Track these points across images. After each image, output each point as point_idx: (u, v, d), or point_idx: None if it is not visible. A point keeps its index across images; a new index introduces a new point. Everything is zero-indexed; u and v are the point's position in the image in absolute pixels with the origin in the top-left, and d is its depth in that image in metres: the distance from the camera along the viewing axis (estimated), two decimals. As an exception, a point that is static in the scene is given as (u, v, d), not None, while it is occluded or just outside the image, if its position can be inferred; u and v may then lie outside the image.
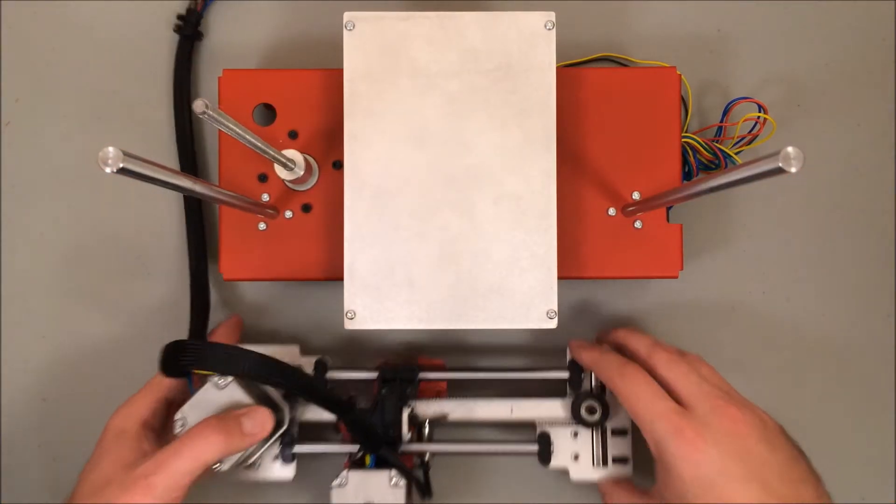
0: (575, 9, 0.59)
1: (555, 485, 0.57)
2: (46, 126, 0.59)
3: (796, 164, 0.32)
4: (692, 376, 0.46)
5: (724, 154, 0.55)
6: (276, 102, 0.54)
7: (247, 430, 0.46)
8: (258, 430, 0.46)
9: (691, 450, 0.42)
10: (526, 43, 0.50)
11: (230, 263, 0.53)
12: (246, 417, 0.46)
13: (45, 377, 0.59)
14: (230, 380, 0.47)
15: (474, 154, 0.50)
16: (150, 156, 0.34)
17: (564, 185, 0.52)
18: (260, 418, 0.46)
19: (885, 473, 0.58)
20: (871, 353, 0.58)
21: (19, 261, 0.59)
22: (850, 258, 0.59)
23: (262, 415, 0.47)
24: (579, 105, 0.53)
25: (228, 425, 0.45)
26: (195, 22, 0.58)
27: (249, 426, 0.46)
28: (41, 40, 0.60)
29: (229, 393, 0.47)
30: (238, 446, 0.45)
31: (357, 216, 0.49)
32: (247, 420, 0.46)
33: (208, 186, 0.41)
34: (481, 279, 0.49)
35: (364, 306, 0.49)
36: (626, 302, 0.58)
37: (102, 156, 0.31)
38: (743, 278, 0.58)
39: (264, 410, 0.47)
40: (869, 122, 0.59)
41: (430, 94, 0.50)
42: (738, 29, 0.59)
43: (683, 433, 0.42)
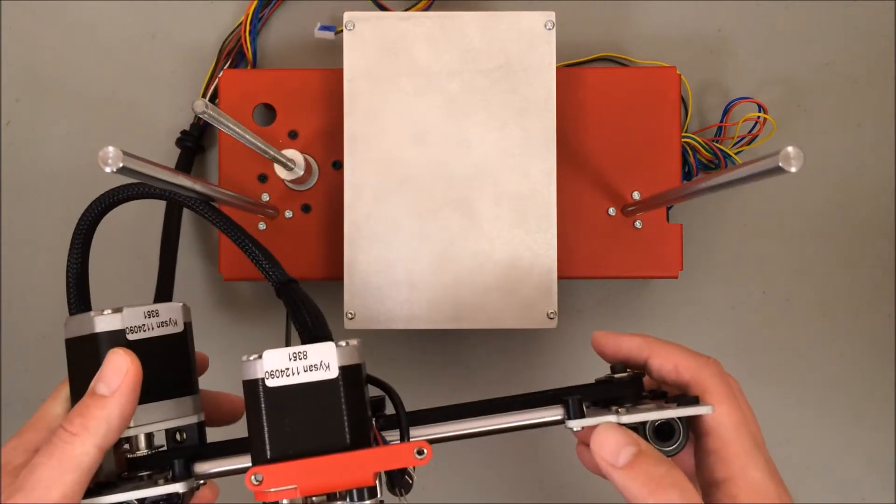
0: (575, 9, 0.59)
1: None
2: (46, 126, 0.59)
3: (796, 163, 0.32)
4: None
5: (724, 154, 0.55)
6: (276, 102, 0.54)
7: (101, 391, 0.35)
8: (116, 382, 0.35)
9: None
10: (526, 43, 0.50)
11: (230, 263, 0.53)
12: (98, 381, 0.35)
13: (45, 377, 0.58)
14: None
15: (474, 154, 0.50)
16: (149, 156, 0.34)
17: (564, 184, 0.52)
18: (111, 368, 0.36)
19: (885, 473, 0.58)
20: (871, 353, 0.58)
21: (19, 261, 0.59)
22: (850, 258, 0.59)
23: (114, 360, 0.36)
24: (579, 105, 0.53)
25: (79, 408, 0.35)
26: (198, 135, 0.57)
27: (103, 386, 0.35)
28: (41, 40, 0.60)
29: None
30: (104, 417, 0.35)
31: (357, 216, 0.49)
32: (98, 382, 0.35)
33: (208, 186, 0.41)
34: (481, 279, 0.49)
35: (364, 306, 0.49)
36: (626, 302, 0.58)
37: (102, 155, 0.31)
38: (743, 278, 0.58)
39: (116, 352, 0.36)
40: (869, 122, 0.59)
41: (430, 94, 0.50)
42: (738, 29, 0.59)
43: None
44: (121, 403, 0.35)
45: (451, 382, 0.58)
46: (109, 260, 0.59)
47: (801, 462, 0.57)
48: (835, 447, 0.58)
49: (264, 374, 0.34)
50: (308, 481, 0.34)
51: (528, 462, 0.58)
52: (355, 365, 0.36)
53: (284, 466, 0.34)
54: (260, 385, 0.35)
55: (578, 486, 0.57)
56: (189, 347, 0.39)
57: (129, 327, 0.37)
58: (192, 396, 0.39)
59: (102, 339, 0.36)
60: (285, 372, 0.35)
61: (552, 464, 0.58)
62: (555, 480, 0.58)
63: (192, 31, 0.60)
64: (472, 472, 0.58)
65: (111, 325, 0.37)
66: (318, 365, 0.35)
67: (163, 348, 0.37)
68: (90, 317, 0.37)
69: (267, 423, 0.34)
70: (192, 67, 0.59)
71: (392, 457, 0.35)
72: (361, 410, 0.35)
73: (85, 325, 0.37)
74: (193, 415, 0.39)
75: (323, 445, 0.34)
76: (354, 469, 0.34)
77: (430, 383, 0.58)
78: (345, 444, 0.34)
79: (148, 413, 0.37)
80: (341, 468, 0.34)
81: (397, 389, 0.49)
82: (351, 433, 0.34)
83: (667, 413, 0.36)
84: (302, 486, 0.34)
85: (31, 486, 0.34)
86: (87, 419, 0.35)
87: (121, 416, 0.35)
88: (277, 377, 0.35)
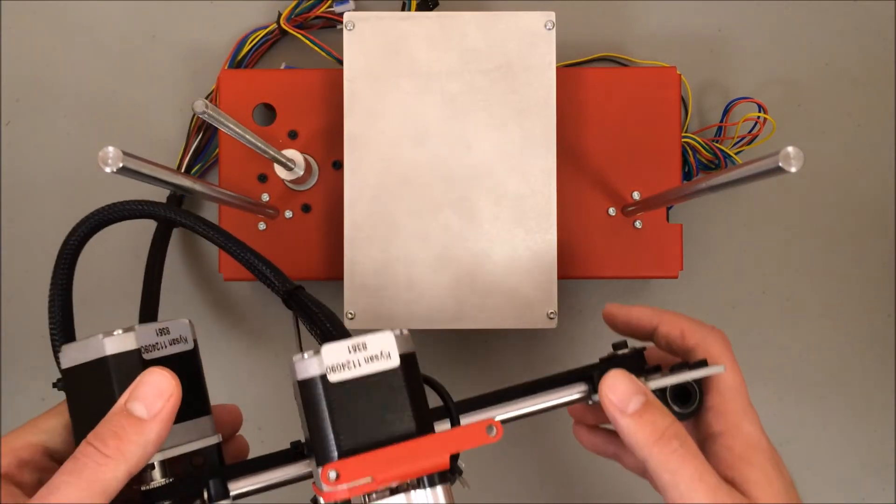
0: (575, 9, 0.59)
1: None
2: (46, 126, 0.59)
3: (796, 163, 0.32)
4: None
5: (724, 154, 0.55)
6: (276, 102, 0.54)
7: (139, 413, 0.33)
8: (158, 404, 0.33)
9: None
10: (526, 43, 0.50)
11: (230, 263, 0.53)
12: (134, 400, 0.33)
13: (45, 378, 0.58)
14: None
15: (474, 154, 0.50)
16: (149, 156, 0.34)
17: (564, 184, 0.52)
18: (153, 389, 0.33)
19: (885, 473, 0.58)
20: (871, 353, 0.58)
21: (19, 261, 0.59)
22: (850, 258, 0.59)
23: (156, 381, 0.33)
24: (579, 105, 0.53)
25: (114, 427, 0.33)
26: (177, 201, 0.57)
27: (141, 408, 0.33)
28: (41, 40, 0.60)
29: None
30: (141, 443, 0.33)
31: (357, 216, 0.49)
32: (136, 403, 0.33)
33: (208, 186, 0.41)
34: (481, 279, 0.49)
35: (364, 306, 0.49)
36: (626, 302, 0.58)
37: (102, 155, 0.31)
38: (743, 278, 0.58)
39: (156, 371, 0.34)
40: (869, 122, 0.59)
41: (430, 94, 0.50)
42: (738, 29, 0.59)
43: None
44: (159, 430, 0.33)
45: (451, 382, 0.57)
46: (110, 260, 0.59)
47: (801, 462, 0.57)
48: (835, 447, 0.58)
49: (325, 369, 0.33)
50: (384, 471, 0.33)
51: (529, 462, 0.58)
52: (412, 353, 0.35)
53: (359, 459, 0.33)
54: (320, 381, 0.34)
55: (579, 484, 0.57)
56: (199, 365, 0.38)
57: (144, 346, 0.35)
58: (208, 416, 0.37)
59: (115, 362, 0.34)
60: (346, 365, 0.34)
61: (553, 463, 0.58)
62: (556, 480, 0.58)
63: (192, 32, 0.60)
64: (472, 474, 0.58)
65: (125, 346, 0.34)
66: (379, 355, 0.34)
67: (176, 368, 0.34)
68: (99, 339, 0.34)
69: (333, 418, 0.33)
70: (192, 67, 0.59)
71: (466, 437, 0.35)
72: (422, 397, 0.35)
73: (92, 350, 0.34)
74: (212, 435, 0.37)
75: (391, 434, 0.34)
76: (429, 454, 0.34)
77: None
78: (412, 431, 0.34)
79: (171, 437, 0.34)
80: (416, 454, 0.33)
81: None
82: (417, 420, 0.34)
83: (685, 376, 0.38)
84: (378, 477, 0.33)
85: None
86: (124, 443, 0.32)
87: (157, 442, 0.33)
88: (339, 371, 0.34)
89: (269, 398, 0.57)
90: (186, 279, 0.59)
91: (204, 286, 0.59)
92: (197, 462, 0.36)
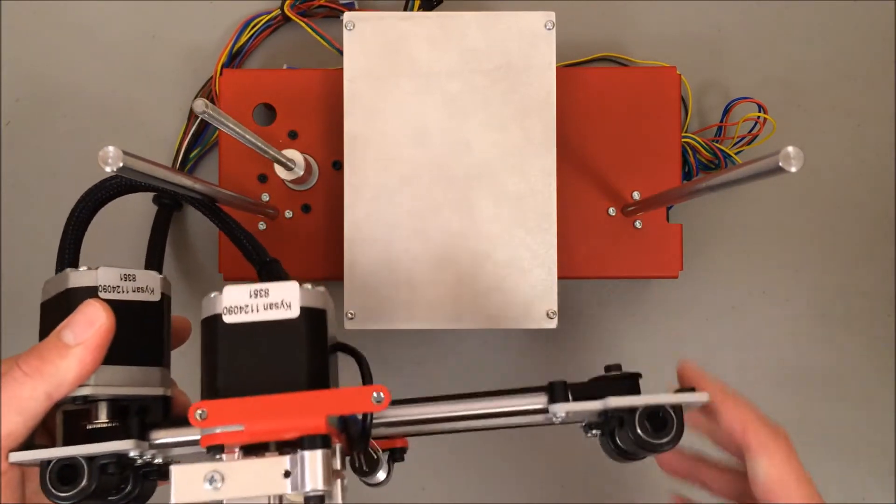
0: (575, 9, 0.59)
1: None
2: (46, 126, 0.59)
3: (796, 163, 0.32)
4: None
5: (724, 154, 0.55)
6: (276, 102, 0.54)
7: (66, 339, 0.34)
8: (87, 332, 0.34)
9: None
10: (526, 43, 0.50)
11: (230, 263, 0.53)
12: (65, 328, 0.34)
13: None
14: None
15: (474, 154, 0.50)
16: (149, 156, 0.34)
17: (564, 185, 0.52)
18: (82, 317, 0.34)
19: (885, 473, 0.58)
20: (871, 353, 0.58)
21: (19, 261, 0.59)
22: (850, 258, 0.59)
23: (88, 311, 0.34)
24: (579, 105, 0.53)
25: (40, 349, 0.34)
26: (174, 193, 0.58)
27: (69, 334, 0.34)
28: (41, 40, 0.60)
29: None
30: (62, 366, 0.33)
31: (357, 216, 0.49)
32: (66, 330, 0.34)
33: (208, 186, 0.41)
34: (481, 279, 0.49)
35: (364, 306, 0.49)
36: (626, 302, 0.58)
37: (102, 155, 0.31)
38: (743, 278, 0.58)
39: (91, 303, 0.34)
40: (869, 122, 0.59)
41: (430, 94, 0.50)
42: (738, 29, 0.59)
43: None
44: (83, 356, 0.33)
45: (451, 382, 0.58)
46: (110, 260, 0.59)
47: (800, 462, 0.57)
48: (835, 447, 0.58)
49: (222, 309, 0.33)
50: (256, 421, 0.31)
51: (531, 463, 0.58)
52: (319, 309, 0.34)
53: (231, 402, 0.31)
54: (217, 321, 0.33)
55: (579, 483, 0.57)
56: (164, 320, 0.38)
57: (103, 286, 0.36)
58: (161, 369, 0.37)
59: (75, 295, 0.35)
60: (244, 308, 0.33)
61: (556, 465, 0.58)
62: (557, 481, 0.58)
63: (192, 32, 0.60)
64: (472, 473, 0.58)
65: (84, 282, 0.36)
66: (280, 304, 0.33)
67: (135, 314, 0.36)
68: (66, 273, 0.36)
69: (220, 358, 0.32)
70: (192, 67, 0.59)
71: (348, 400, 0.32)
72: (322, 358, 0.33)
73: (60, 283, 0.36)
74: (159, 387, 0.37)
75: (275, 385, 0.32)
76: (306, 410, 0.31)
77: (429, 383, 0.58)
78: (300, 387, 0.32)
79: (110, 374, 0.35)
80: (292, 408, 0.31)
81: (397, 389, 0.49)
82: (309, 377, 0.32)
83: (658, 398, 0.34)
84: (249, 427, 0.31)
85: None
86: (45, 363, 0.33)
87: (80, 369, 0.33)
88: (235, 313, 0.33)
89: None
90: (186, 279, 0.59)
91: (204, 286, 0.59)
92: (143, 413, 0.36)
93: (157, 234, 0.56)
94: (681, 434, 0.34)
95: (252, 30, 0.58)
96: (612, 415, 0.35)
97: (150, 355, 0.37)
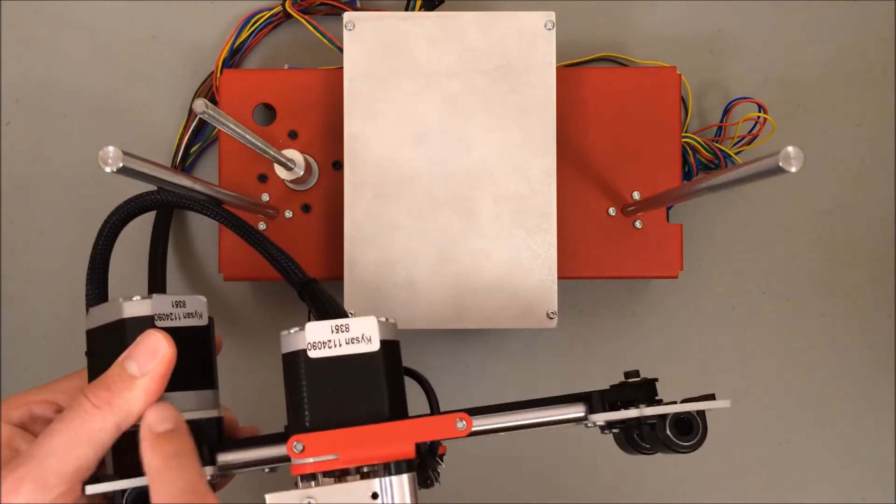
0: (575, 9, 0.59)
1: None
2: (46, 126, 0.59)
3: (796, 163, 0.32)
4: None
5: (724, 154, 0.55)
6: (276, 102, 0.54)
7: (131, 370, 0.34)
8: (151, 363, 0.34)
9: None
10: (526, 43, 0.50)
11: (230, 263, 0.53)
12: (128, 358, 0.35)
13: (45, 378, 0.58)
14: None
15: (474, 154, 0.50)
16: (149, 156, 0.34)
17: (564, 185, 0.52)
18: (146, 348, 0.35)
19: (885, 473, 0.58)
20: (871, 353, 0.58)
21: (19, 261, 0.59)
22: (850, 258, 0.59)
23: (150, 341, 0.35)
24: (579, 105, 0.53)
25: (106, 380, 0.34)
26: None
27: (134, 365, 0.34)
28: (41, 40, 0.60)
29: None
30: (129, 397, 0.34)
31: (357, 216, 0.49)
32: (129, 361, 0.34)
33: (208, 186, 0.41)
34: (481, 279, 0.49)
35: (364, 306, 0.49)
36: (626, 302, 0.58)
37: (102, 155, 0.31)
38: (743, 278, 0.58)
39: (152, 333, 0.35)
40: (869, 122, 0.59)
41: (430, 94, 0.50)
42: (738, 29, 0.59)
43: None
44: (148, 387, 0.34)
45: (451, 382, 0.58)
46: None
47: (801, 462, 0.57)
48: (835, 447, 0.58)
49: (307, 345, 0.35)
50: (349, 451, 0.34)
51: (532, 463, 0.58)
52: (394, 341, 0.36)
53: (327, 434, 0.34)
54: (301, 356, 0.35)
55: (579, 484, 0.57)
56: (211, 342, 0.39)
57: (158, 314, 0.36)
58: (213, 391, 0.38)
59: (130, 325, 0.36)
60: (327, 344, 0.35)
61: (556, 463, 0.58)
62: (557, 480, 0.58)
63: (192, 32, 0.60)
64: (477, 474, 0.58)
65: (140, 311, 0.36)
66: (360, 338, 0.35)
67: (188, 339, 0.37)
68: (119, 302, 0.36)
69: (307, 392, 0.34)
70: (192, 67, 0.59)
71: (434, 427, 0.35)
72: (400, 386, 0.35)
73: (112, 312, 0.36)
74: (214, 409, 0.38)
75: (363, 416, 0.34)
76: (396, 439, 0.34)
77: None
78: (384, 416, 0.34)
79: (170, 401, 0.36)
80: (383, 438, 0.34)
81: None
82: (391, 406, 0.34)
83: (686, 406, 0.38)
84: (343, 456, 0.33)
85: (46, 454, 0.33)
86: (113, 395, 0.34)
87: (147, 399, 0.34)
88: (319, 349, 0.35)
89: (267, 397, 0.57)
90: (186, 279, 0.59)
91: (204, 286, 0.59)
92: (199, 434, 0.37)
93: (159, 233, 0.56)
94: (705, 436, 0.38)
95: (253, 26, 0.58)
96: (643, 421, 0.38)
97: (204, 378, 0.38)
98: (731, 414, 0.58)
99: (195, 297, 0.38)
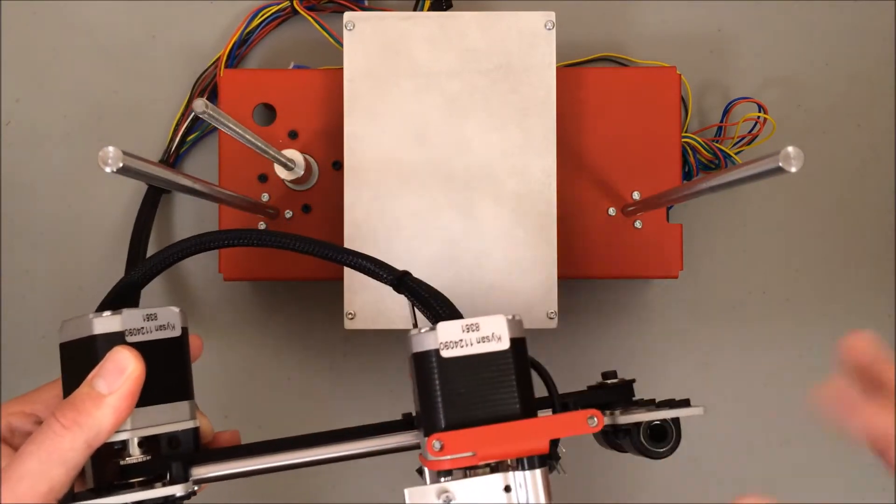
0: (575, 9, 0.59)
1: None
2: (46, 126, 0.59)
3: (796, 163, 0.32)
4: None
5: (724, 154, 0.55)
6: (276, 102, 0.54)
7: (99, 388, 0.34)
8: (118, 381, 0.34)
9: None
10: (526, 43, 0.50)
11: (230, 263, 0.53)
12: (96, 377, 0.34)
13: (45, 378, 0.58)
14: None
15: (474, 154, 0.50)
16: (149, 156, 0.34)
17: (564, 185, 0.52)
18: (113, 366, 0.34)
19: (885, 473, 0.58)
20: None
21: (19, 261, 0.59)
22: (850, 258, 0.59)
23: (118, 359, 0.34)
24: (579, 105, 0.53)
25: (74, 400, 0.34)
26: (157, 193, 0.58)
27: (102, 383, 0.34)
28: (41, 40, 0.60)
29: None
30: (98, 416, 0.34)
31: (357, 216, 0.49)
32: (98, 379, 0.34)
33: (208, 186, 0.41)
34: (481, 279, 0.49)
35: (364, 306, 0.49)
36: (626, 302, 0.58)
37: (102, 155, 0.31)
38: (743, 278, 0.58)
39: (120, 350, 0.35)
40: (869, 122, 0.59)
41: (430, 94, 0.50)
42: (738, 29, 0.59)
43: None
44: (117, 405, 0.34)
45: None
46: (110, 260, 0.59)
47: (801, 462, 0.57)
48: (835, 447, 0.58)
49: (439, 345, 0.35)
50: (486, 448, 0.34)
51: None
52: (522, 338, 0.36)
53: (464, 433, 0.34)
54: (434, 356, 0.35)
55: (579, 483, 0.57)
56: (185, 352, 0.39)
57: (129, 329, 0.36)
58: (189, 402, 0.38)
59: (101, 342, 0.35)
60: (459, 343, 0.35)
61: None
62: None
63: (192, 32, 0.60)
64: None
65: (110, 327, 0.36)
66: (491, 336, 0.35)
67: (160, 352, 0.36)
68: (88, 318, 0.36)
69: (441, 391, 0.35)
70: (192, 68, 0.59)
71: (568, 424, 0.36)
72: (528, 381, 0.36)
73: (82, 328, 0.36)
74: (189, 420, 0.38)
75: (496, 414, 0.35)
76: (531, 436, 0.35)
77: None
78: (516, 413, 0.35)
79: (143, 417, 0.36)
80: (519, 435, 0.35)
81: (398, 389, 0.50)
82: (522, 402, 0.35)
83: (660, 414, 0.38)
84: (480, 453, 0.34)
85: (19, 476, 0.33)
86: (81, 415, 0.34)
87: (116, 417, 0.34)
88: (451, 348, 0.35)
89: (268, 397, 0.57)
90: (186, 279, 0.59)
91: (204, 286, 0.59)
92: (175, 445, 0.37)
93: (143, 216, 0.57)
94: (678, 443, 0.38)
95: (261, 18, 0.58)
96: (618, 427, 0.39)
97: (178, 390, 0.38)
98: (731, 414, 0.58)
99: (167, 309, 0.38)
